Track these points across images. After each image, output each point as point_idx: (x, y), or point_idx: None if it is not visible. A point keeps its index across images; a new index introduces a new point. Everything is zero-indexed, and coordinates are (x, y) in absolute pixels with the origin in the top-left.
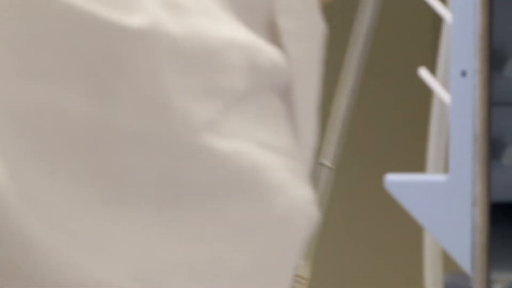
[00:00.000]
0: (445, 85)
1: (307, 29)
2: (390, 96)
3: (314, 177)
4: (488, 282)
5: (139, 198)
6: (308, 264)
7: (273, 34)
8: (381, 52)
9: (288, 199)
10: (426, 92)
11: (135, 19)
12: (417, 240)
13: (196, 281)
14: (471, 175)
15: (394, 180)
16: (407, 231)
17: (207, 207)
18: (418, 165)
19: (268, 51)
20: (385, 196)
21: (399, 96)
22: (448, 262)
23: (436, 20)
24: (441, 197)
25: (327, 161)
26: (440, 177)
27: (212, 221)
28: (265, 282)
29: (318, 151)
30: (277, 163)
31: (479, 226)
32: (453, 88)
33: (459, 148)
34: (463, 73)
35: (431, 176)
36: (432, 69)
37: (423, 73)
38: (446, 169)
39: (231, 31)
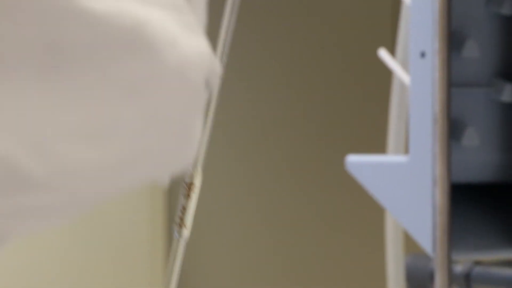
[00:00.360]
0: (405, 66)
1: None
2: (350, 77)
3: None
4: (449, 263)
5: (19, 65)
6: (199, 172)
7: None
8: (341, 33)
9: (178, 53)
10: (386, 73)
11: None
12: (379, 221)
13: (89, 141)
14: (431, 155)
15: (355, 161)
16: (368, 212)
17: (94, 68)
18: (379, 146)
19: None
20: (347, 177)
21: (359, 77)
22: (409, 243)
23: (396, 1)
24: (401, 177)
25: None
26: (400, 158)
27: (100, 82)
28: (164, 136)
29: None
30: (163, 18)
31: (440, 206)
32: (412, 69)
33: (419, 129)
34: (422, 54)
35: (391, 157)
36: (392, 50)
37: (383, 54)
38: (406, 150)
39: None
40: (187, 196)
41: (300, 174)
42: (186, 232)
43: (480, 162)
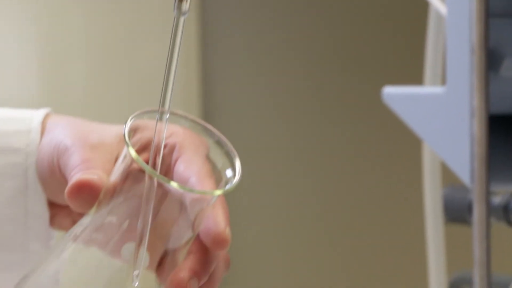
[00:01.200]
0: None
1: None
2: (387, 9)
3: None
4: (488, 194)
5: None
6: None
7: None
8: None
9: None
10: (422, 4)
11: None
12: (416, 153)
13: None
14: (469, 86)
15: (392, 92)
16: (405, 144)
17: None
18: (416, 78)
19: None
20: (384, 109)
21: (395, 9)
22: (447, 175)
23: None
24: (439, 109)
25: None
26: (437, 89)
27: None
28: None
29: None
30: None
31: (478, 137)
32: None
33: (457, 59)
34: None
35: (428, 88)
36: None
37: None
38: (443, 81)
39: None
40: None
41: (338, 106)
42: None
43: None
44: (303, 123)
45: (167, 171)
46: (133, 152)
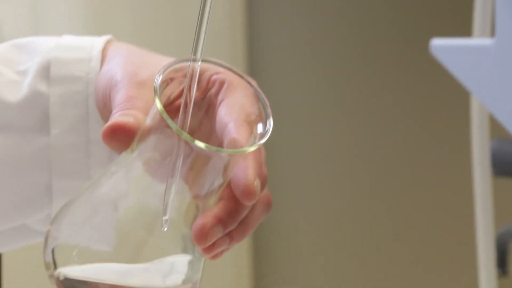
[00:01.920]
0: None
1: None
2: None
3: None
4: None
5: None
6: None
7: None
8: None
9: None
10: None
11: None
12: (464, 105)
13: None
14: None
15: (440, 44)
16: (453, 97)
17: None
18: (465, 29)
19: None
20: (432, 61)
21: None
22: (495, 127)
23: None
24: (488, 60)
25: None
26: (486, 41)
27: None
28: None
29: None
30: None
31: None
32: None
33: (506, 11)
34: None
35: (477, 40)
36: None
37: None
38: (492, 33)
39: None
40: None
41: (386, 57)
42: None
43: None
44: (348, 79)
45: (212, 110)
46: (159, 106)
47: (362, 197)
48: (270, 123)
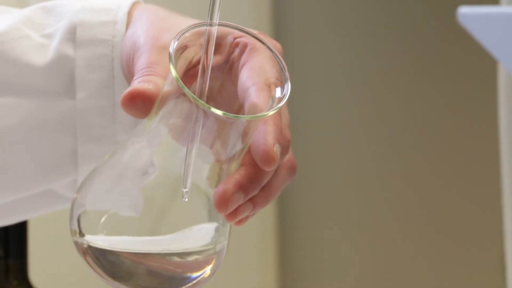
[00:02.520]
0: None
1: None
2: None
3: None
4: None
5: None
6: None
7: None
8: None
9: None
10: None
11: None
12: (491, 74)
13: None
14: None
15: (467, 13)
16: (481, 66)
17: None
18: None
19: None
20: (459, 29)
21: None
22: None
23: None
24: None
25: None
26: None
27: None
28: None
29: None
30: None
31: None
32: None
33: None
34: None
35: (505, 8)
36: None
37: None
38: None
39: None
40: None
41: (411, 25)
42: None
43: None
44: (373, 47)
45: (235, 73)
46: (174, 73)
47: (397, 173)
48: (288, 86)
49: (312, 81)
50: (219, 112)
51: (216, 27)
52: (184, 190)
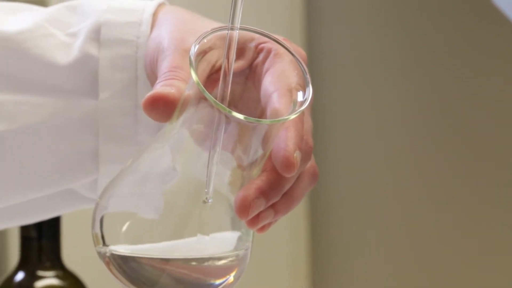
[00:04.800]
0: None
1: None
2: None
3: None
4: None
5: None
6: None
7: None
8: None
9: None
10: None
11: None
12: None
13: None
14: None
15: None
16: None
17: None
18: None
19: None
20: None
21: None
22: None
23: None
24: None
25: None
26: None
27: None
28: None
29: None
30: None
31: None
32: None
33: None
34: None
35: None
36: None
37: None
38: None
39: None
40: None
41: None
42: None
43: None
44: (411, 52)
45: (258, 78)
46: (195, 78)
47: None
48: (310, 91)
49: (344, 84)
50: (240, 116)
51: (237, 31)
52: (207, 195)
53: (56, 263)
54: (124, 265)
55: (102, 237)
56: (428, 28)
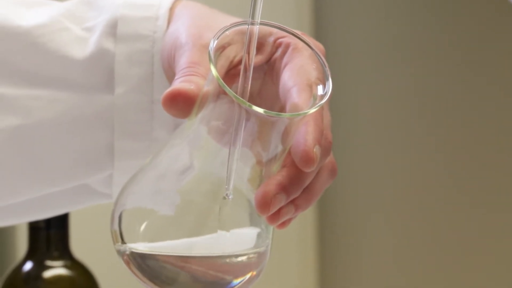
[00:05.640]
0: None
1: None
2: None
3: None
4: None
5: None
6: None
7: None
8: None
9: None
10: None
11: None
12: None
13: None
14: None
15: None
16: None
17: None
18: None
19: None
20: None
21: None
22: None
23: None
24: None
25: None
26: None
27: None
28: None
29: None
30: None
31: None
32: None
33: None
34: None
35: None
36: None
37: None
38: None
39: None
40: None
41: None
42: None
43: None
44: (419, 48)
45: (277, 73)
46: (215, 73)
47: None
48: (330, 84)
49: (353, 81)
50: (260, 110)
51: (258, 26)
52: (227, 191)
53: (64, 253)
54: (143, 263)
55: (121, 235)
56: (441, 24)
